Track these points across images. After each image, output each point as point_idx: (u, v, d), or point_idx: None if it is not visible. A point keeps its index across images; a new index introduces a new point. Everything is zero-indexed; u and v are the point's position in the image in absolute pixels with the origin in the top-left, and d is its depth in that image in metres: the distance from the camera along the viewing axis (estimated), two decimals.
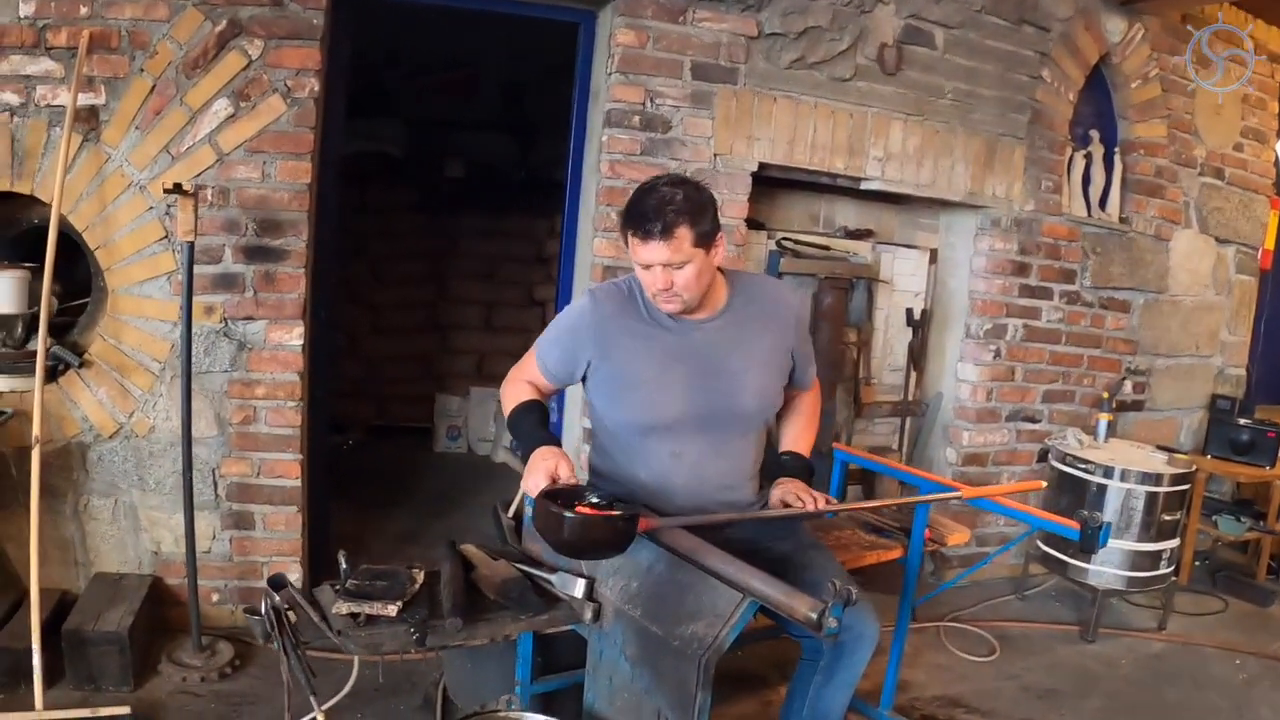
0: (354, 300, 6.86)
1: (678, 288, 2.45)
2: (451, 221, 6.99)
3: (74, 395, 3.53)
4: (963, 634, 4.29)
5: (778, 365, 2.71)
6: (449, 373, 7.12)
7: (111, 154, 3.41)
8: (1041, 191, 4.63)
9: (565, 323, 2.72)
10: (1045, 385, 4.88)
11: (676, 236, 2.37)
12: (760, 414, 2.70)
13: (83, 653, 3.22)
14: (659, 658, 2.29)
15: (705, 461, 2.65)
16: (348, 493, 5.40)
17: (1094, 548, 2.80)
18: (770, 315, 2.68)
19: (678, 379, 2.59)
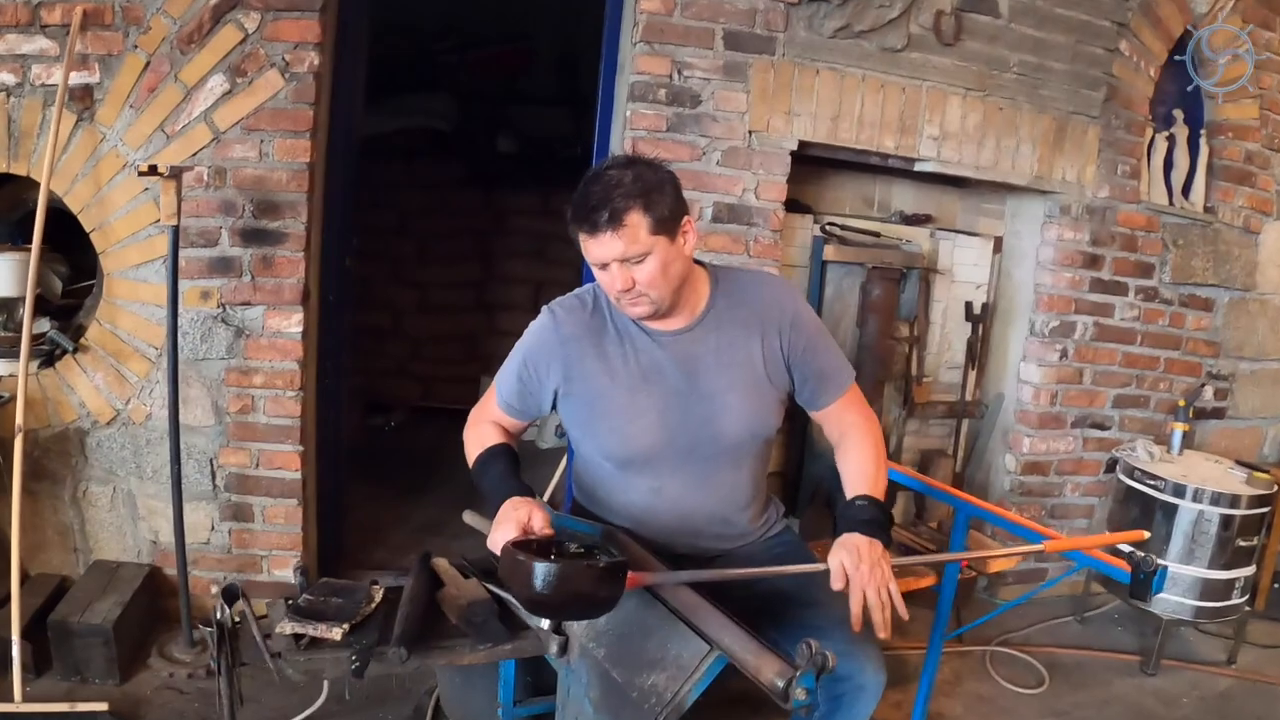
0: (399, 279, 6.74)
1: (641, 286, 2.12)
2: (501, 198, 6.77)
3: (71, 381, 3.45)
4: (1011, 660, 3.96)
5: (770, 381, 2.33)
6: (496, 354, 6.77)
7: (106, 133, 3.29)
8: (1117, 176, 4.22)
9: (525, 349, 2.38)
10: (1116, 389, 4.47)
11: (628, 224, 2.05)
12: (752, 441, 2.35)
13: (69, 644, 3.17)
14: (619, 707, 2.05)
15: (689, 496, 2.35)
16: (380, 476, 5.31)
17: (1145, 595, 2.45)
18: (759, 318, 2.30)
19: (651, 404, 2.28)
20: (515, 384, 2.37)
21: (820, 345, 2.36)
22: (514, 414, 2.43)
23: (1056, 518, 4.50)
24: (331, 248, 3.68)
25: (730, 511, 2.41)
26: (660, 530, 2.37)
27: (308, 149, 3.33)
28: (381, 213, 6.35)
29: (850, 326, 4.11)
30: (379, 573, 4.04)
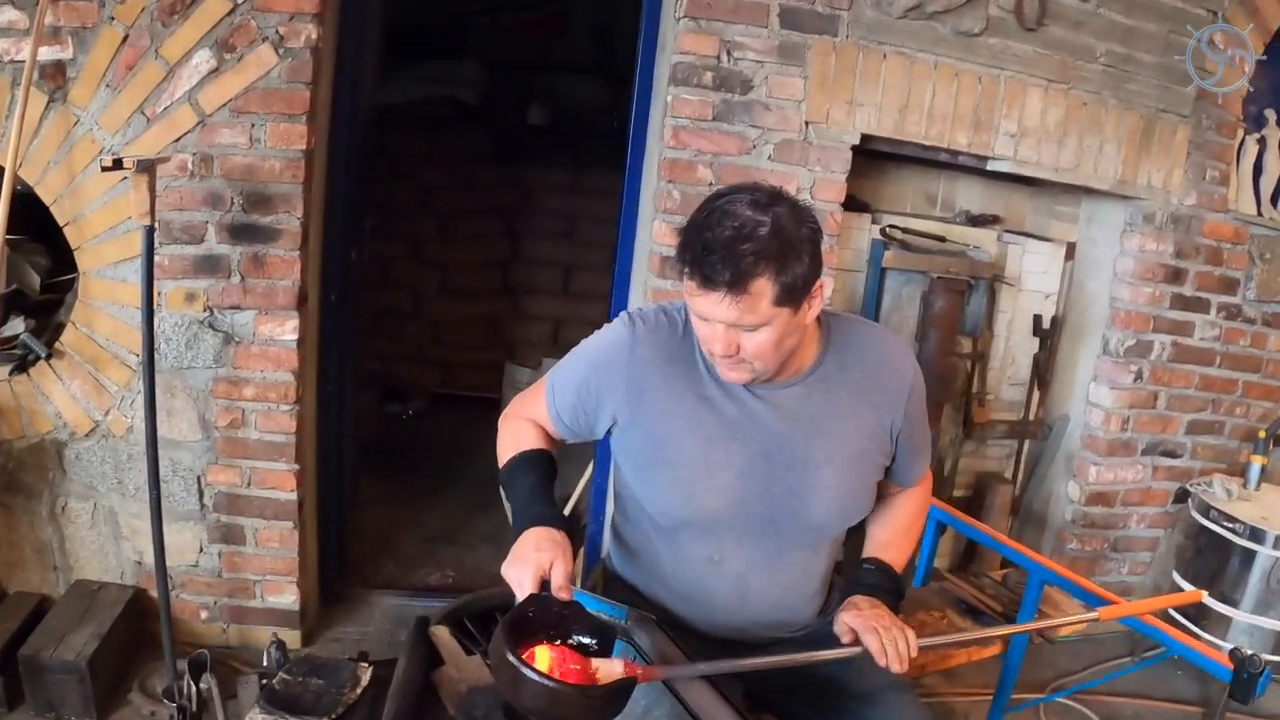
0: (419, 258, 6.41)
1: (746, 355, 1.75)
2: (530, 174, 6.41)
3: (46, 388, 3.17)
4: (1065, 711, 3.61)
5: (874, 459, 1.98)
6: (521, 340, 6.58)
7: (80, 116, 2.95)
8: (1205, 183, 3.80)
9: (590, 358, 1.99)
10: (1191, 414, 4.08)
11: (751, 292, 1.64)
12: (839, 525, 2.00)
13: (41, 680, 2.97)
14: None
15: (754, 576, 1.97)
16: (394, 472, 5.03)
17: (1248, 698, 2.12)
18: (876, 385, 1.94)
19: (730, 462, 1.89)
20: (571, 397, 1.99)
21: (921, 418, 2.02)
22: (561, 427, 2.04)
23: (1119, 551, 4.14)
24: (335, 241, 3.38)
25: (797, 600, 2.04)
26: (711, 610, 2.01)
27: (304, 134, 2.99)
28: (402, 188, 6.06)
29: (909, 340, 3.73)
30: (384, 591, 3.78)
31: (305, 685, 2.07)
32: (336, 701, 2.02)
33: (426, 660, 2.19)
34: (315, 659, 2.19)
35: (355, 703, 2.06)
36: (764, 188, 1.75)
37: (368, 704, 2.06)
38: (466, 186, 6.32)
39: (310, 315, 3.22)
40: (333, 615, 3.64)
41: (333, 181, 3.30)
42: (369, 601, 3.75)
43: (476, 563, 4.15)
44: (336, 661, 2.18)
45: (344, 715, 2.02)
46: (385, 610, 3.70)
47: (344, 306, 3.45)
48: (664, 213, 3.21)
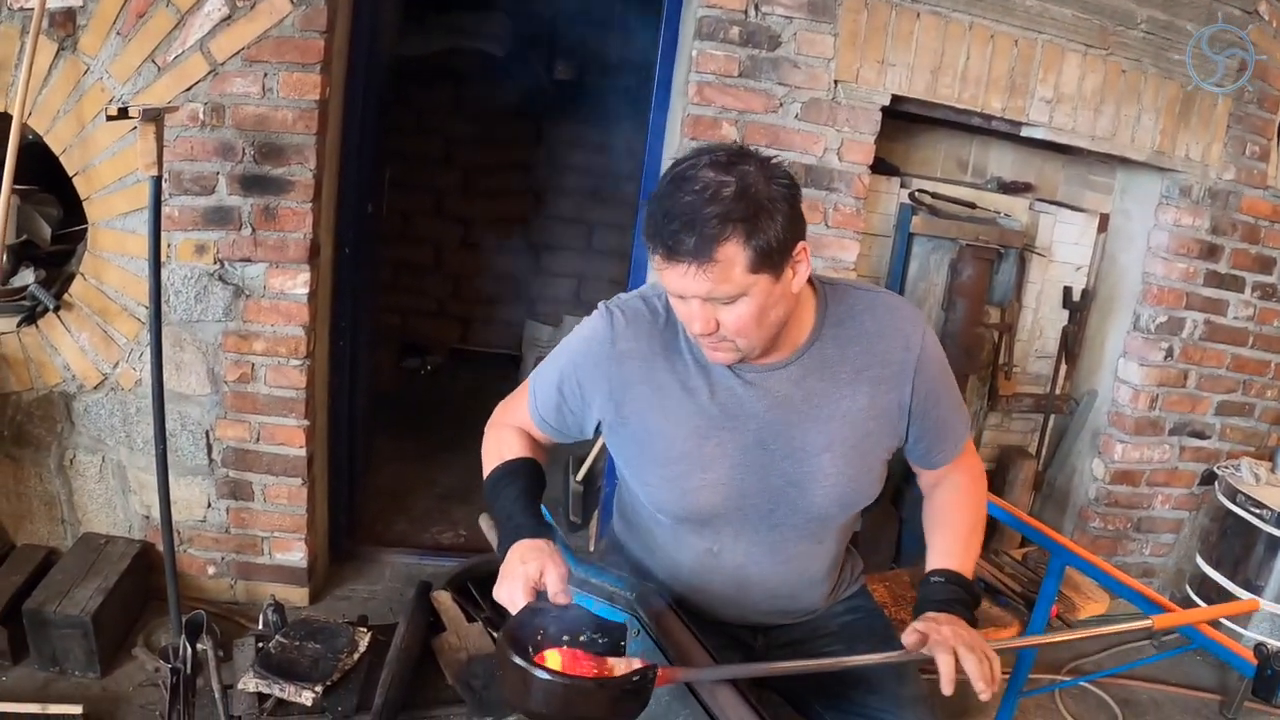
0: (440, 212, 6.34)
1: (727, 331, 1.60)
2: (554, 130, 6.31)
3: (54, 340, 3.13)
4: (1082, 694, 3.54)
5: (880, 441, 1.82)
6: (542, 297, 6.50)
7: (90, 64, 2.89)
8: (1245, 158, 3.67)
9: (569, 356, 1.85)
10: (1221, 395, 3.97)
11: (719, 260, 1.50)
12: (842, 513, 1.86)
13: (46, 634, 2.92)
14: None
15: (753, 566, 1.87)
16: (410, 429, 5.00)
17: (1272, 696, 2.03)
18: (876, 359, 1.77)
19: (723, 454, 1.76)
20: (554, 395, 1.86)
21: (943, 391, 1.85)
22: (548, 430, 1.92)
23: (1142, 531, 4.06)
24: (349, 193, 3.31)
25: (800, 587, 1.94)
26: (709, 596, 1.91)
27: (318, 84, 2.91)
28: (425, 141, 5.99)
29: (935, 309, 3.65)
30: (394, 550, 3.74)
31: (301, 650, 2.04)
32: (333, 668, 1.99)
33: (427, 626, 2.15)
34: (313, 622, 2.15)
35: (352, 668, 2.02)
36: (726, 147, 1.61)
37: (364, 670, 2.03)
38: (491, 141, 6.23)
39: (323, 269, 3.17)
40: (342, 573, 3.61)
41: (348, 133, 3.22)
42: (379, 560, 3.71)
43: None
44: (335, 625, 2.14)
45: (339, 681, 1.98)
46: (396, 569, 3.66)
47: (358, 260, 3.39)
48: None
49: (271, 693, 1.90)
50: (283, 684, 1.90)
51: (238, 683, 1.93)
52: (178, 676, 1.91)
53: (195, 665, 1.94)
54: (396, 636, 2.07)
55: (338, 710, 1.88)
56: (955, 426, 1.89)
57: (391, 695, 1.90)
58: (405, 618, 2.14)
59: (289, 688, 1.89)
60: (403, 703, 1.91)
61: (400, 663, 2.00)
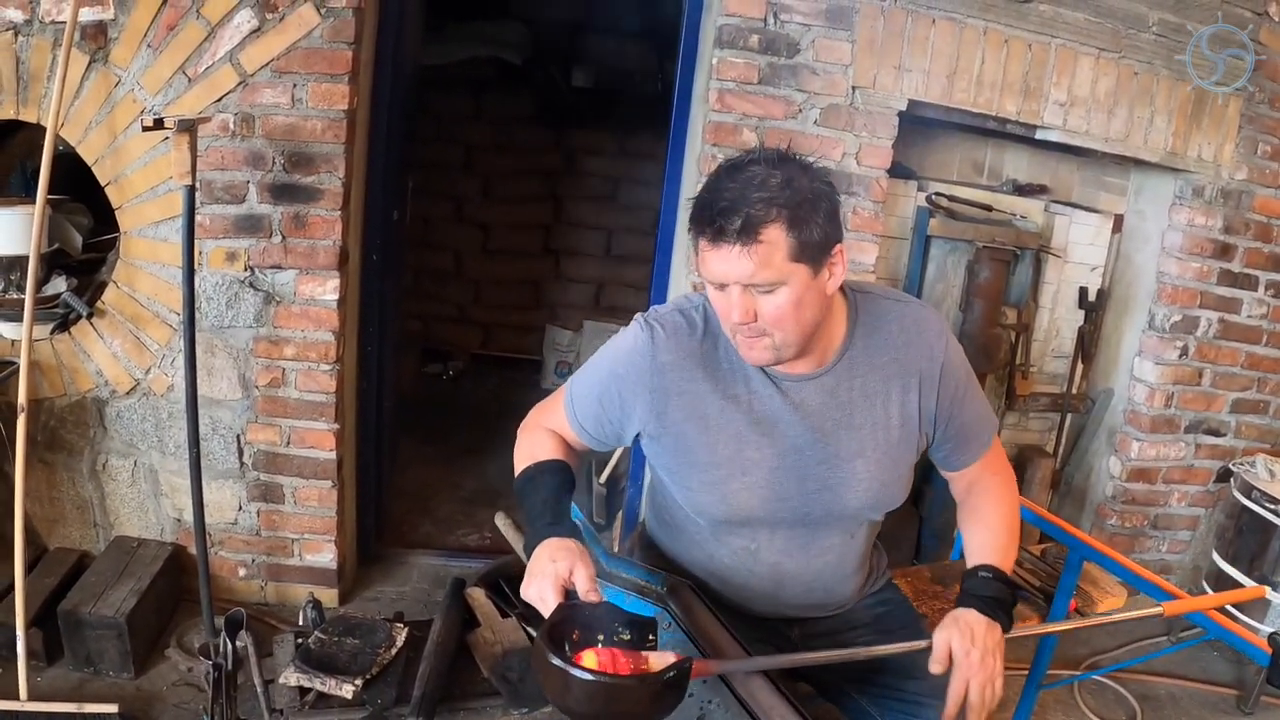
0: (461, 218, 6.41)
1: (765, 323, 1.64)
2: (573, 137, 6.38)
3: (87, 347, 3.19)
4: (1100, 690, 3.57)
5: (909, 444, 1.89)
6: (562, 302, 6.58)
7: (122, 76, 2.96)
8: (1257, 157, 3.69)
9: (610, 368, 1.89)
10: (1236, 393, 3.99)
11: (763, 240, 1.56)
12: (873, 514, 1.94)
13: (80, 635, 2.98)
14: None
15: (788, 561, 1.94)
16: (434, 433, 5.06)
17: None
18: (903, 367, 1.84)
19: (761, 460, 1.82)
20: (594, 406, 1.90)
21: (968, 395, 1.90)
22: (585, 438, 1.94)
23: (1159, 528, 4.07)
24: (376, 201, 3.37)
25: (833, 582, 2.00)
26: (747, 591, 1.98)
27: (346, 94, 2.97)
28: (446, 148, 6.06)
29: (952, 310, 3.68)
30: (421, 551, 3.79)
31: (340, 645, 2.08)
32: (371, 662, 2.03)
33: (462, 622, 2.20)
34: (351, 619, 2.20)
35: (390, 663, 2.07)
36: (772, 149, 1.68)
37: (402, 664, 2.07)
38: (510, 148, 6.30)
39: (351, 275, 3.23)
40: (370, 575, 3.66)
41: (375, 141, 3.28)
42: (406, 561, 3.76)
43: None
44: (372, 621, 2.19)
45: (378, 675, 2.02)
46: (423, 570, 3.71)
47: (385, 266, 3.44)
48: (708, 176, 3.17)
49: (312, 686, 1.94)
50: (323, 678, 1.94)
51: (278, 677, 1.97)
52: (219, 672, 1.95)
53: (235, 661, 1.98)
54: (433, 632, 2.12)
55: (377, 703, 1.92)
56: (979, 430, 1.94)
57: (430, 688, 1.95)
58: (441, 614, 2.19)
59: (330, 681, 1.94)
60: (440, 695, 1.95)
61: (437, 656, 2.04)
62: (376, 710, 1.92)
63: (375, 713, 1.91)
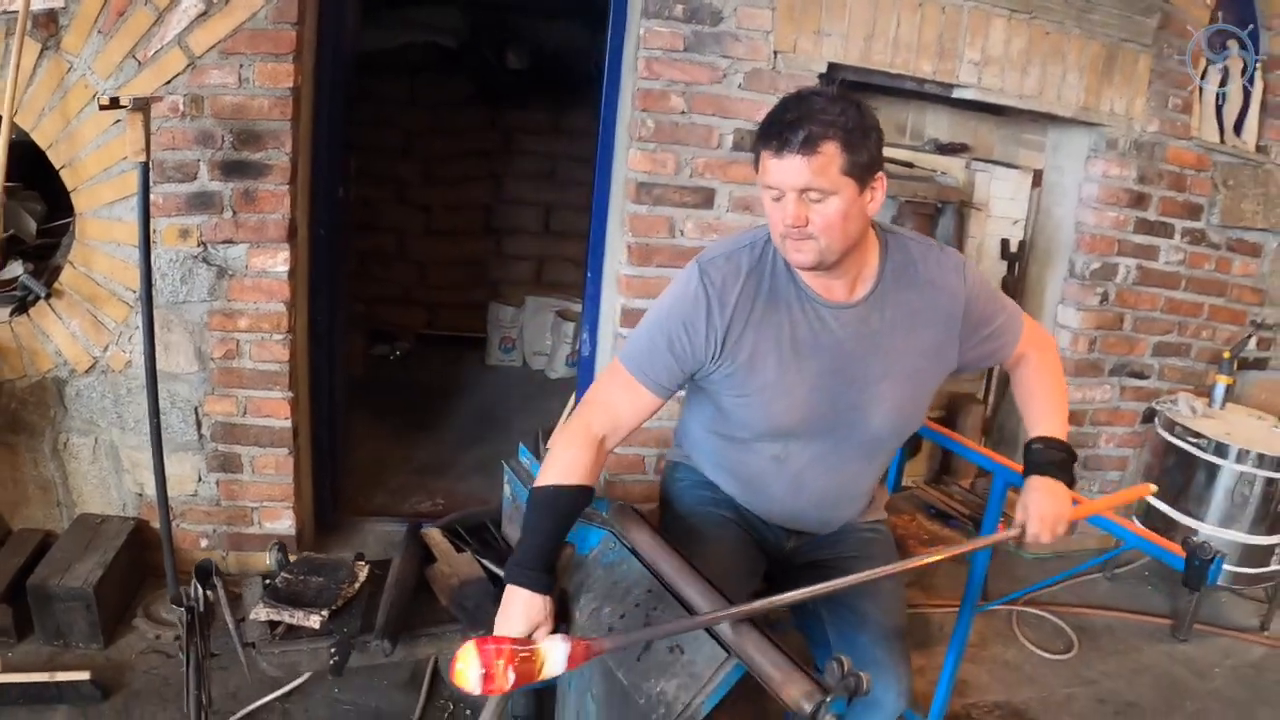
0: (403, 201, 6.50)
1: (814, 228, 1.85)
2: (510, 118, 6.51)
3: (46, 328, 3.25)
4: (1039, 622, 3.77)
5: (932, 372, 2.13)
6: (504, 279, 6.71)
7: (73, 62, 3.03)
8: (1168, 110, 3.91)
9: (676, 317, 2.05)
10: (1157, 336, 4.21)
11: (822, 152, 1.78)
12: (894, 437, 2.17)
13: (49, 608, 3.05)
14: (624, 710, 1.86)
15: (810, 473, 2.17)
16: (383, 411, 5.14)
17: (1199, 584, 2.25)
18: (928, 305, 2.07)
19: (801, 381, 2.05)
20: (665, 359, 2.05)
21: (991, 312, 2.15)
22: (661, 392, 2.08)
23: (1089, 469, 4.28)
24: (322, 177, 3.45)
25: (845, 499, 2.28)
26: (766, 496, 2.25)
27: (291, 73, 3.07)
28: (385, 133, 6.13)
29: None
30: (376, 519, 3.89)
31: (306, 583, 2.19)
32: (336, 595, 2.15)
33: (420, 559, 2.33)
34: (314, 559, 2.31)
35: (353, 596, 2.18)
36: (833, 89, 1.98)
37: (365, 598, 2.19)
38: (448, 130, 6.40)
39: (300, 248, 3.32)
40: (327, 542, 3.74)
41: (318, 121, 3.36)
42: (362, 529, 3.86)
43: (468, 491, 4.25)
44: (335, 560, 2.31)
45: (343, 608, 2.14)
46: (379, 536, 3.80)
47: (332, 241, 3.53)
48: (639, 141, 3.32)
49: (281, 619, 2.05)
50: (291, 610, 2.05)
51: (248, 615, 2.08)
52: (192, 614, 2.05)
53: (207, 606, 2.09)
54: (393, 568, 2.24)
55: (344, 631, 2.04)
56: (1008, 328, 2.18)
57: (392, 615, 2.07)
58: (400, 552, 2.31)
59: (297, 614, 2.05)
60: (402, 623, 2.08)
61: (398, 588, 2.16)
62: (344, 638, 2.03)
63: (342, 640, 2.02)
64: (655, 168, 3.34)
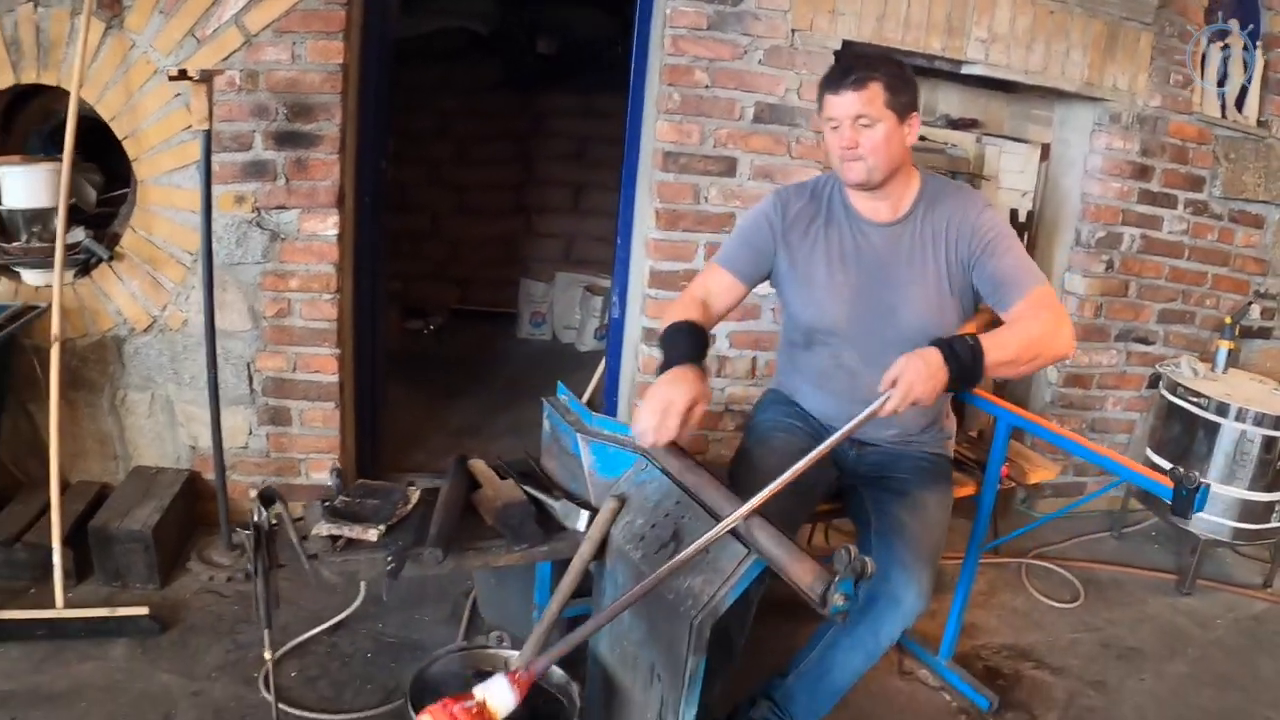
0: (437, 182, 6.71)
1: (863, 150, 2.37)
2: (540, 100, 6.72)
3: (106, 289, 3.45)
4: (1047, 574, 3.94)
5: (951, 291, 2.52)
6: (534, 256, 6.91)
7: (136, 40, 3.23)
8: (1169, 86, 4.06)
9: (750, 222, 2.69)
10: (1162, 304, 4.37)
11: (869, 89, 2.32)
12: (922, 338, 2.25)
13: (109, 550, 3.21)
14: (654, 610, 2.07)
15: (863, 371, 2.52)
16: (418, 380, 5.33)
17: (1187, 512, 2.41)
18: (945, 231, 2.50)
19: (846, 283, 2.55)
20: (747, 252, 2.64)
21: (1000, 249, 2.44)
22: (742, 278, 2.64)
23: (1097, 431, 4.43)
24: (367, 150, 3.64)
25: None
26: (831, 394, 2.67)
27: (340, 50, 3.27)
28: (419, 116, 6.31)
29: None
30: (415, 475, 4.07)
31: (362, 504, 2.39)
32: (390, 514, 2.34)
33: (466, 485, 2.52)
34: (369, 484, 2.51)
35: (407, 515, 2.38)
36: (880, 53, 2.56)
37: (417, 518, 2.38)
38: (481, 113, 6.60)
39: (347, 214, 3.51)
40: None
41: (364, 97, 3.56)
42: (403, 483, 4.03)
43: (502, 450, 4.41)
44: (388, 486, 2.50)
45: (397, 524, 2.34)
46: None
47: (375, 210, 3.74)
48: (666, 113, 3.52)
49: (341, 534, 2.24)
50: (351, 525, 2.25)
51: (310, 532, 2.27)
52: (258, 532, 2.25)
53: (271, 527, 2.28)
54: (442, 491, 2.44)
55: (399, 544, 2.24)
56: (1016, 277, 2.40)
57: (443, 529, 2.26)
58: (447, 478, 2.51)
59: (356, 528, 2.24)
60: (452, 537, 2.27)
61: (447, 509, 2.36)
62: (399, 549, 2.23)
63: (399, 550, 2.22)
64: (681, 138, 3.54)
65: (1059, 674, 3.27)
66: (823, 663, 2.43)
